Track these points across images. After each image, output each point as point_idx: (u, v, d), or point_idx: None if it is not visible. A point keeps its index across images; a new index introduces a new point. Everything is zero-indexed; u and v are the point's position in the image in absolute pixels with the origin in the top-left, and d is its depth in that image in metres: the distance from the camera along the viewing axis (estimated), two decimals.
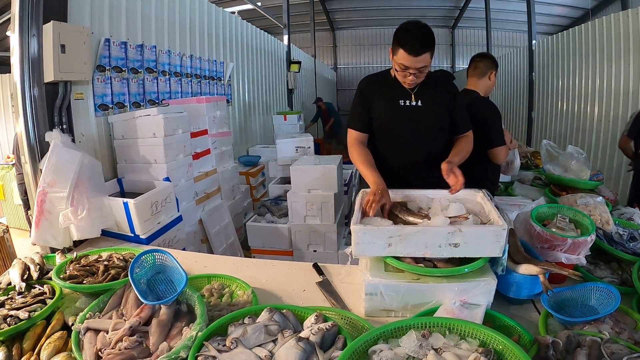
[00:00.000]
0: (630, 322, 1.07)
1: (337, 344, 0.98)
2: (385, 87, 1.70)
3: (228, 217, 3.29)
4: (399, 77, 1.60)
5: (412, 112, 1.66)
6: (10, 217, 4.43)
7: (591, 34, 4.59)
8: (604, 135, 4.40)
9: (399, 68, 1.54)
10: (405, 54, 1.48)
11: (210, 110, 3.20)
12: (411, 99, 1.66)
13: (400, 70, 1.54)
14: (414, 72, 1.52)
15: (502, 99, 7.78)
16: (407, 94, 1.66)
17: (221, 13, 4.41)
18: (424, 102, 1.66)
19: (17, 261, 1.43)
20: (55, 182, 1.77)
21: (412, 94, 1.66)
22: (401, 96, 1.67)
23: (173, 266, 1.27)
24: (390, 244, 1.15)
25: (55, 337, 1.10)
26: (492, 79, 2.16)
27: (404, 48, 1.47)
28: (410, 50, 1.47)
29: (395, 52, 1.52)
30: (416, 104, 1.66)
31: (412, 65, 1.50)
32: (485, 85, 2.16)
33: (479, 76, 2.15)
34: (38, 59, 1.87)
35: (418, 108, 1.66)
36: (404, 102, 1.66)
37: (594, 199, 1.63)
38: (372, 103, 1.71)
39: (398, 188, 1.49)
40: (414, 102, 1.66)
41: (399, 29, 1.52)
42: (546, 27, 10.62)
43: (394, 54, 1.54)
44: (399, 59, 1.51)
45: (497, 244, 1.13)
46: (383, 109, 1.70)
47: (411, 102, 1.66)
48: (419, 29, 1.49)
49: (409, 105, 1.66)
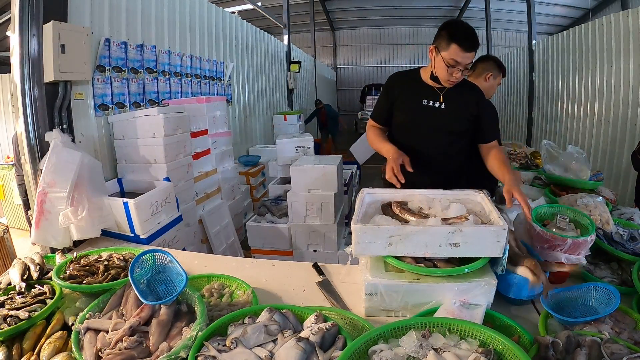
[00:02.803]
0: (630, 322, 1.07)
1: (337, 344, 0.98)
2: (412, 85, 1.71)
3: (228, 217, 3.29)
4: (444, 74, 1.58)
5: (434, 113, 1.67)
6: (10, 217, 4.43)
7: (591, 34, 4.59)
8: (604, 135, 4.39)
9: (450, 64, 1.53)
10: (459, 49, 1.49)
11: (210, 110, 3.20)
12: (439, 100, 1.66)
13: (450, 66, 1.53)
14: (462, 68, 1.53)
15: (502, 99, 7.78)
16: (434, 94, 1.67)
17: (221, 13, 4.41)
18: (448, 105, 1.66)
19: (17, 261, 1.43)
20: (55, 182, 1.77)
21: (440, 95, 1.66)
22: (427, 96, 1.68)
23: (173, 266, 1.26)
24: (390, 244, 1.15)
25: (55, 337, 1.10)
26: (490, 81, 2.16)
27: (459, 43, 1.49)
28: (465, 45, 1.49)
29: (445, 47, 1.52)
30: (440, 105, 1.66)
31: (463, 61, 1.51)
32: (481, 86, 2.14)
33: (475, 77, 2.17)
34: (38, 59, 1.87)
35: (441, 110, 1.67)
36: (428, 102, 1.67)
37: (594, 199, 1.63)
38: (397, 99, 1.72)
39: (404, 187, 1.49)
40: (437, 104, 1.67)
41: (449, 26, 1.54)
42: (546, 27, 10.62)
43: (441, 50, 1.54)
44: (450, 55, 1.51)
45: (498, 244, 1.13)
46: (406, 107, 1.71)
47: (435, 103, 1.67)
48: (468, 27, 1.53)
49: (432, 106, 1.67)
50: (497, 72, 2.17)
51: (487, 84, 2.16)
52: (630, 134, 3.93)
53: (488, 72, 2.14)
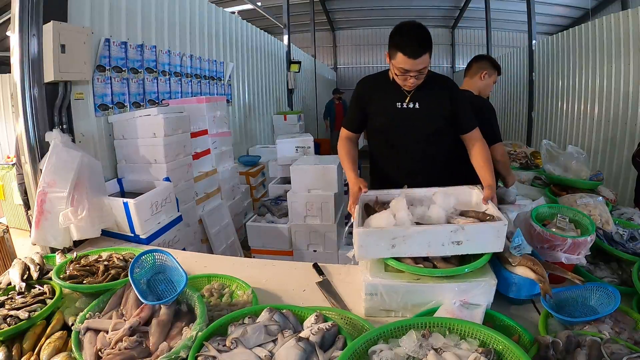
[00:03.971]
0: (630, 322, 1.07)
1: (337, 344, 0.98)
2: (383, 88, 1.67)
3: (228, 217, 3.29)
4: (398, 81, 1.56)
5: (408, 115, 1.63)
6: (10, 217, 4.42)
7: (591, 34, 4.58)
8: (604, 135, 4.39)
9: (399, 72, 1.50)
10: (405, 58, 1.44)
11: (210, 110, 3.20)
12: (409, 100, 1.63)
13: (400, 74, 1.50)
14: (414, 74, 1.49)
15: (502, 99, 7.77)
16: (403, 96, 1.63)
17: (221, 13, 4.40)
18: (421, 105, 1.62)
19: (17, 261, 1.43)
20: (55, 182, 1.77)
21: (408, 96, 1.62)
22: (398, 98, 1.63)
23: (173, 266, 1.26)
24: (393, 245, 1.15)
25: (55, 337, 1.10)
26: (486, 80, 2.16)
27: (403, 51, 1.44)
28: (409, 53, 1.43)
29: (393, 56, 1.49)
30: (413, 106, 1.62)
31: (412, 68, 1.46)
32: (477, 85, 2.16)
33: (471, 76, 2.18)
34: (38, 59, 1.86)
35: (414, 110, 1.63)
36: (401, 105, 1.63)
37: (594, 199, 1.63)
38: (369, 105, 1.69)
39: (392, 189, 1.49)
40: (410, 105, 1.62)
41: (395, 32, 1.48)
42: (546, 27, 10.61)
43: (391, 58, 1.51)
44: (398, 63, 1.48)
45: (499, 240, 1.14)
46: (379, 111, 1.67)
47: (407, 104, 1.63)
48: (415, 30, 1.45)
49: (405, 107, 1.63)
50: (491, 70, 2.17)
51: (483, 83, 2.16)
52: (630, 134, 3.93)
53: (483, 71, 2.14)
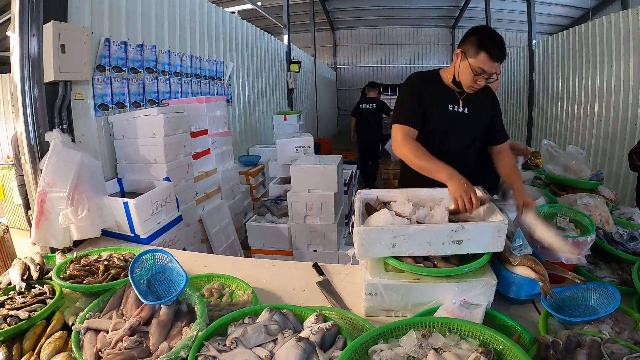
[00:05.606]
0: (630, 322, 1.07)
1: (337, 344, 0.98)
2: (436, 89, 1.64)
3: (228, 217, 3.29)
4: (468, 81, 1.53)
5: (460, 119, 1.62)
6: (10, 217, 4.43)
7: (591, 34, 4.59)
8: (604, 135, 4.39)
9: (476, 71, 1.48)
10: (487, 58, 1.44)
11: (210, 110, 3.20)
12: (459, 105, 1.62)
13: (476, 74, 1.48)
14: (487, 77, 1.49)
15: (502, 99, 7.78)
16: (455, 99, 1.62)
17: (221, 13, 4.40)
18: (470, 110, 1.63)
19: (17, 261, 1.43)
20: (55, 182, 1.77)
21: (460, 99, 1.62)
22: (451, 101, 1.62)
23: (173, 266, 1.27)
24: (394, 244, 1.15)
25: (55, 337, 1.10)
26: None
27: (489, 52, 1.43)
28: (494, 54, 1.44)
29: (473, 54, 1.46)
30: (463, 110, 1.62)
31: (490, 70, 1.46)
32: None
33: None
34: (38, 59, 1.87)
35: (465, 115, 1.62)
36: (453, 107, 1.62)
37: (594, 199, 1.63)
38: (424, 103, 1.62)
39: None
40: (461, 109, 1.62)
41: (479, 32, 1.47)
42: (546, 27, 10.61)
43: (469, 56, 1.48)
44: (478, 62, 1.46)
45: (499, 239, 1.14)
46: (435, 113, 1.62)
47: (459, 108, 1.62)
48: (498, 35, 1.47)
49: (457, 111, 1.62)
50: None
51: None
52: (630, 134, 3.93)
53: None
